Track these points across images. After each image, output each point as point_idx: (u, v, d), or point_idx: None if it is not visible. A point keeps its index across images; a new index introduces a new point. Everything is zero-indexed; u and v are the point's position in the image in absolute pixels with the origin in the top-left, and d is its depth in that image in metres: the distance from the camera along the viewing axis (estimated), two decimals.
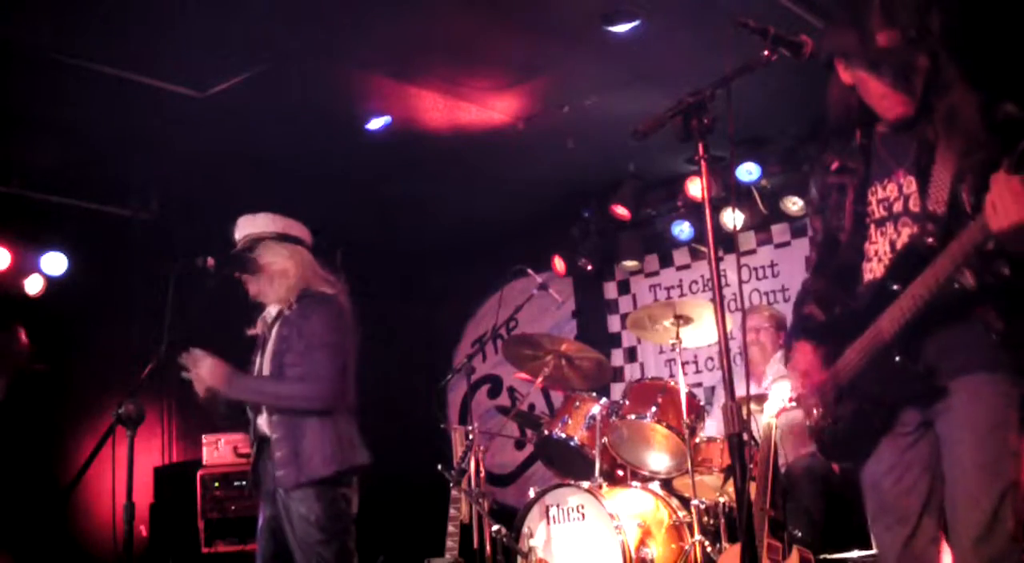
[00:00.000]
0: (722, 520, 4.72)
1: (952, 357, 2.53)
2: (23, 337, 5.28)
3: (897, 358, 2.57)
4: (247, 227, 3.83)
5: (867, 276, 2.70)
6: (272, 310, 3.81)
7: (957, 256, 2.41)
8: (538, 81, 5.60)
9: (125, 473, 3.37)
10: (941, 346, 2.54)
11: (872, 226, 2.71)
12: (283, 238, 3.80)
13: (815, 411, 2.81)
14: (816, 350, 2.80)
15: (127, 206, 6.61)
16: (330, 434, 3.59)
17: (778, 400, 4.11)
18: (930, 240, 2.51)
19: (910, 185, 2.63)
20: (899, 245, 2.63)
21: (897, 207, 2.65)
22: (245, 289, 3.81)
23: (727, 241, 6.07)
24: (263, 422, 3.69)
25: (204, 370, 3.63)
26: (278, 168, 6.16)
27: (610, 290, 7.75)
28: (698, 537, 4.64)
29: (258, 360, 3.80)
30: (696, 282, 7.34)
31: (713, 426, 5.25)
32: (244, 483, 5.84)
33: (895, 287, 2.57)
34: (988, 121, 2.53)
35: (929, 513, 2.60)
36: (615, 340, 7.64)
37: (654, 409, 4.98)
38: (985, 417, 2.49)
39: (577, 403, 5.29)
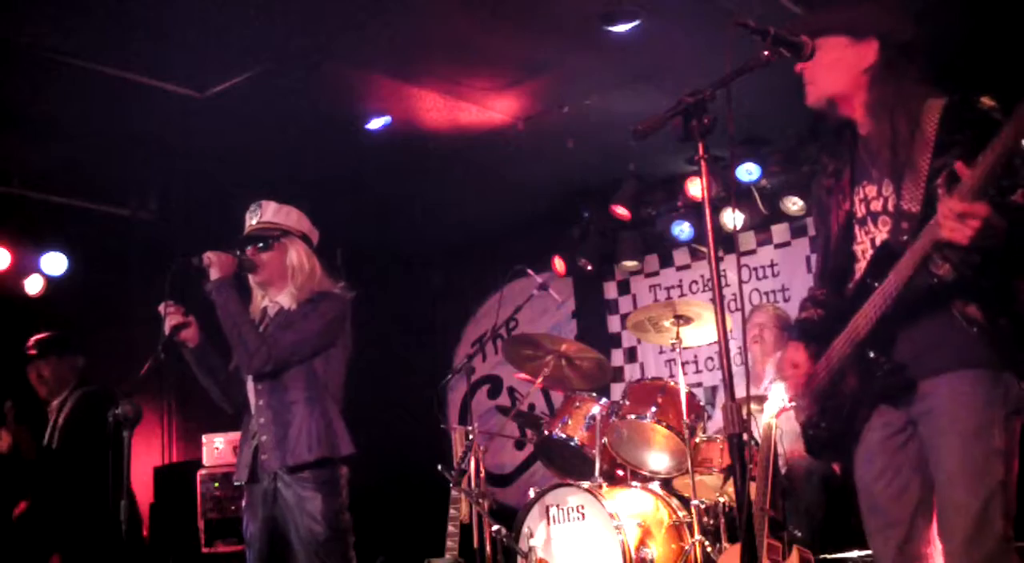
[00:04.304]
0: (722, 520, 4.71)
1: (931, 354, 2.52)
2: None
3: (871, 354, 2.57)
4: (277, 215, 3.76)
5: (857, 276, 2.71)
6: (271, 307, 3.80)
7: (918, 253, 2.43)
8: (538, 81, 5.60)
9: None
10: (919, 342, 2.53)
11: (856, 226, 2.72)
12: (306, 239, 3.79)
13: (803, 409, 2.82)
14: (807, 349, 2.81)
15: (127, 206, 6.61)
16: (317, 420, 3.55)
17: (778, 400, 4.10)
18: (904, 238, 2.52)
19: (888, 185, 2.64)
20: (879, 243, 2.64)
21: (876, 206, 2.66)
22: (250, 270, 3.72)
23: (727, 241, 6.06)
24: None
25: (217, 255, 3.59)
26: (278, 168, 6.15)
27: (610, 290, 7.74)
28: (698, 537, 4.64)
29: None
30: (696, 282, 7.34)
31: (714, 429, 5.25)
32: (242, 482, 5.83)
33: (874, 285, 2.57)
34: (958, 119, 2.52)
35: (922, 514, 2.60)
36: (615, 340, 7.64)
37: (654, 409, 4.98)
38: (968, 419, 2.47)
39: (577, 403, 5.28)
